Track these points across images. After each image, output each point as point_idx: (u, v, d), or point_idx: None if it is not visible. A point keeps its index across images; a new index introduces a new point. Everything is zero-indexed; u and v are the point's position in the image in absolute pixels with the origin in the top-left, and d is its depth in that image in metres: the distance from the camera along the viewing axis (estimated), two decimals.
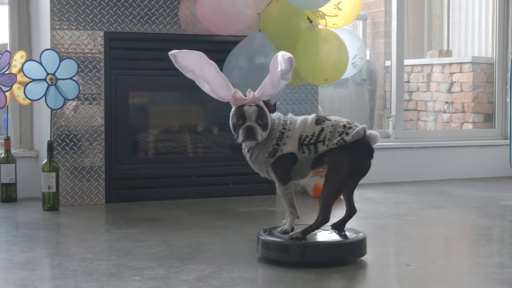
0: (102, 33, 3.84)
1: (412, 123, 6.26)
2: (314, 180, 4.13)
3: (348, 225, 2.70)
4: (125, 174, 3.94)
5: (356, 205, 3.83)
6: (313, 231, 2.57)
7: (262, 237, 2.57)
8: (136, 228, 3.16)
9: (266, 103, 2.60)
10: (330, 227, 2.70)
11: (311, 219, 3.46)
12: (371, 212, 3.64)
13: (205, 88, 2.66)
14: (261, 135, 2.53)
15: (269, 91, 2.58)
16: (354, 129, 2.52)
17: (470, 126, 5.83)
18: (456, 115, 5.96)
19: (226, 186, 4.15)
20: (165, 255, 2.63)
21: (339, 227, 2.70)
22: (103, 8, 3.83)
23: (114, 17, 3.86)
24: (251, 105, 2.57)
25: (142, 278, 2.29)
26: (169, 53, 2.58)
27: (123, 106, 3.92)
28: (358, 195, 4.18)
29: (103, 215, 3.58)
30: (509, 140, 3.98)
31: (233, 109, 2.62)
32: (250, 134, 2.52)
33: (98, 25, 3.83)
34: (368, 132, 2.58)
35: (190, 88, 4.16)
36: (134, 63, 3.96)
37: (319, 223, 2.54)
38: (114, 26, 3.86)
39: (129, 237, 2.96)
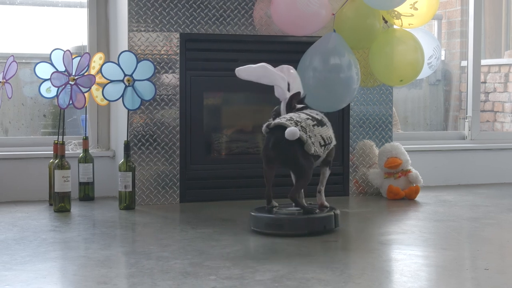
0: (177, 35, 3.89)
1: (488, 125, 6.13)
2: (388, 182, 4.09)
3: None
4: (199, 174, 3.98)
5: (431, 207, 3.79)
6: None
7: None
8: (210, 228, 3.19)
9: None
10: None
11: (384, 219, 3.44)
12: (447, 214, 3.58)
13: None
14: None
15: None
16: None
17: None
18: None
19: None
20: (240, 255, 2.65)
21: None
22: (179, 10, 3.88)
23: (189, 19, 3.90)
24: None
25: (217, 278, 2.31)
26: (235, 70, 3.03)
27: (197, 106, 3.96)
28: (433, 197, 4.13)
29: (178, 214, 3.63)
30: None
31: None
32: None
33: (174, 26, 3.88)
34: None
35: (263, 89, 4.19)
36: (209, 64, 4.00)
37: None
38: (189, 27, 3.90)
39: (204, 236, 2.99)
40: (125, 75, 3.66)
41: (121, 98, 3.67)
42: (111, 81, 3.66)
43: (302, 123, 3.04)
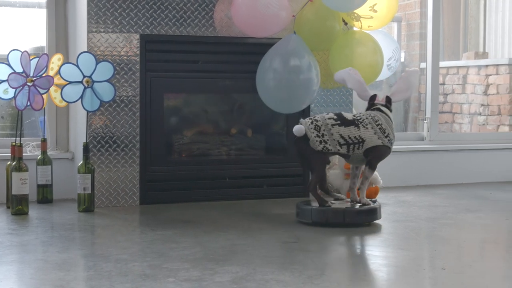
0: (138, 36, 3.87)
1: (447, 126, 6.21)
2: (348, 183, 4.11)
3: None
4: (160, 176, 3.96)
5: (390, 208, 3.82)
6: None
7: None
8: (170, 230, 3.18)
9: None
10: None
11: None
12: (405, 215, 3.62)
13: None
14: None
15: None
16: None
17: (506, 128, 5.76)
18: (492, 117, 5.90)
19: (260, 188, 4.15)
20: (200, 257, 2.65)
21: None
22: (138, 11, 3.86)
23: (149, 20, 3.88)
24: None
25: (176, 280, 2.30)
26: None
27: (158, 108, 3.94)
28: (392, 198, 4.16)
29: (138, 216, 3.61)
30: None
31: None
32: None
33: (134, 27, 3.86)
34: None
35: (224, 90, 4.20)
36: (170, 66, 3.98)
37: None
38: (149, 28, 3.88)
39: (164, 238, 2.98)
40: (84, 76, 3.63)
41: (80, 100, 3.64)
42: (70, 82, 3.63)
43: (319, 122, 3.26)
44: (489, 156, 5.08)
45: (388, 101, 3.42)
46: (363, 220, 3.30)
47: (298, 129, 3.25)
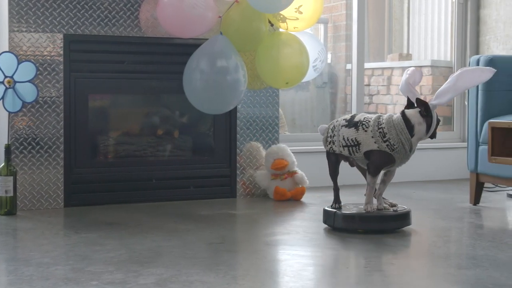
0: (61, 36, 3.80)
1: None
2: (275, 183, 4.14)
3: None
4: (85, 178, 3.90)
5: (317, 207, 3.86)
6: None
7: None
8: (95, 232, 3.13)
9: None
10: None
11: (270, 221, 3.47)
12: None
13: None
14: None
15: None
16: None
17: None
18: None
19: (187, 189, 4.14)
20: (124, 259, 2.62)
21: None
22: (62, 10, 3.80)
23: (73, 20, 3.82)
24: None
25: (99, 283, 2.27)
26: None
27: (82, 109, 3.88)
28: (318, 198, 4.20)
29: (62, 219, 3.55)
30: (467, 143, 4.03)
31: (433, 111, 3.14)
32: None
33: (58, 27, 3.79)
34: None
35: (150, 91, 4.17)
36: (94, 66, 3.93)
37: None
38: (73, 28, 3.82)
39: (88, 241, 2.94)
40: (5, 76, 3.55)
41: (1, 100, 3.56)
42: None
43: (335, 123, 3.28)
44: (413, 156, 5.16)
45: (420, 104, 3.14)
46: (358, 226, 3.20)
47: (320, 129, 3.34)
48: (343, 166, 3.34)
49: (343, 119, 3.26)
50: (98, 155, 4.08)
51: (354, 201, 3.59)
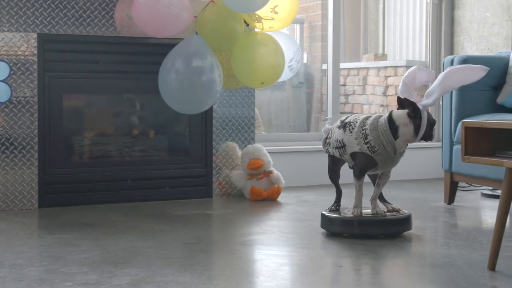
0: (35, 35, 3.77)
1: None
2: (251, 183, 4.14)
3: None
4: (59, 178, 3.88)
5: (292, 207, 3.87)
6: None
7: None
8: (69, 233, 3.11)
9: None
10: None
11: (246, 220, 3.47)
12: (307, 214, 3.67)
13: None
14: None
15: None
16: None
17: None
18: None
19: (162, 189, 4.13)
20: (99, 260, 2.60)
21: None
22: (36, 9, 3.77)
23: (47, 19, 3.80)
24: None
25: (73, 284, 2.26)
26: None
27: (57, 109, 3.86)
28: (295, 198, 4.21)
29: (36, 220, 3.52)
30: (441, 143, 4.06)
31: (423, 112, 2.98)
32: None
33: (31, 26, 3.76)
34: None
35: (125, 91, 4.15)
36: (69, 66, 3.91)
37: None
38: (48, 28, 3.80)
39: (62, 242, 2.92)
40: None
41: None
42: None
43: (335, 125, 3.19)
44: None
45: (408, 105, 2.99)
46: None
47: (324, 130, 3.26)
48: (344, 166, 3.27)
49: (340, 120, 3.17)
50: (72, 156, 4.05)
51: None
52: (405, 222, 3.12)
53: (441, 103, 4.70)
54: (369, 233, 3.06)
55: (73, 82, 3.93)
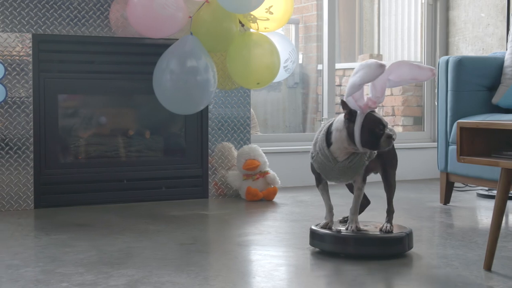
0: (30, 35, 3.77)
1: None
2: (247, 184, 4.14)
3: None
4: (55, 179, 3.87)
5: (288, 207, 3.87)
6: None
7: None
8: (65, 234, 3.11)
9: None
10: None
11: (242, 221, 3.47)
12: (303, 214, 3.67)
13: None
14: None
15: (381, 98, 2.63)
16: None
17: (400, 129, 5.93)
18: (386, 118, 6.05)
19: (158, 190, 4.12)
20: (95, 260, 2.60)
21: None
22: (31, 10, 3.76)
23: (42, 19, 3.79)
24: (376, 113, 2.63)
25: (69, 285, 2.26)
26: None
27: (52, 109, 3.85)
28: (291, 198, 4.21)
29: (32, 220, 3.51)
30: (437, 143, 4.06)
31: (368, 116, 2.58)
32: (391, 142, 2.63)
33: (26, 27, 3.76)
34: None
35: (121, 91, 4.15)
36: (64, 66, 3.90)
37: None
38: (42, 28, 3.79)
39: (58, 243, 2.92)
40: None
41: None
42: None
43: None
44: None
45: (343, 107, 2.63)
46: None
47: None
48: None
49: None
50: (68, 156, 4.05)
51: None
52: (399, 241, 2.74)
53: (436, 104, 4.70)
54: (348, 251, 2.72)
55: (68, 82, 3.92)
